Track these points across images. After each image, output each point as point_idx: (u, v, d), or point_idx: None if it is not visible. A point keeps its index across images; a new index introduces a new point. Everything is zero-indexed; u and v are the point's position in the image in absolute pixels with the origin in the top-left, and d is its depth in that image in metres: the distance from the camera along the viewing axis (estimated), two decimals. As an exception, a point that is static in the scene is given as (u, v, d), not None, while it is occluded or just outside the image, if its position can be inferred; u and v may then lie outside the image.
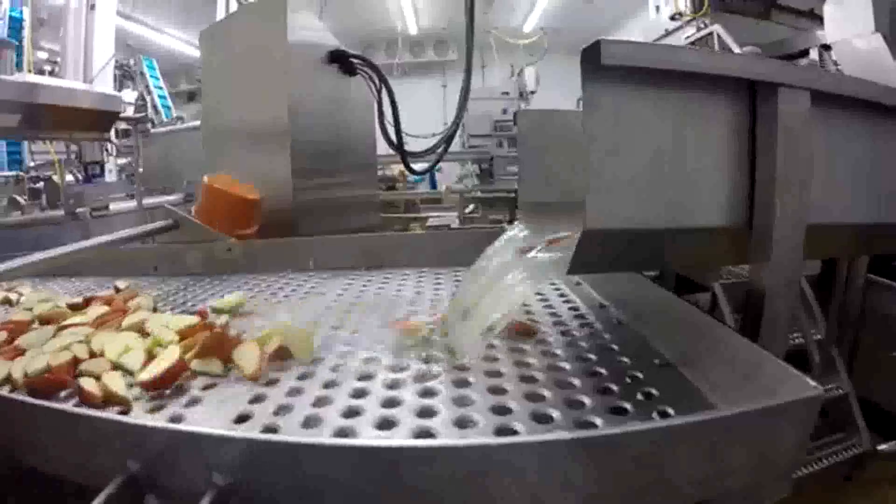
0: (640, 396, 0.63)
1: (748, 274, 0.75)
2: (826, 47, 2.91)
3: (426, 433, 0.57)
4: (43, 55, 5.88)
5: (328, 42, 2.21)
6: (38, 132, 3.26)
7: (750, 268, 0.74)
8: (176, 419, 0.66)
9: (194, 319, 0.94)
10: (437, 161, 2.62)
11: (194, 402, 0.70)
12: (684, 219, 0.66)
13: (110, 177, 5.31)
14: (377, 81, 2.27)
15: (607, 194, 0.59)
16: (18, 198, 4.27)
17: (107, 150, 4.76)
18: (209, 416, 0.66)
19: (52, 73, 4.83)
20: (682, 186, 0.65)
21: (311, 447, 0.46)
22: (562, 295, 1.07)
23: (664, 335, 0.77)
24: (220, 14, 4.27)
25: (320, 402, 0.67)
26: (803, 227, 0.72)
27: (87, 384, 0.73)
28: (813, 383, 0.49)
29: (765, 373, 0.55)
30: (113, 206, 3.70)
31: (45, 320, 1.02)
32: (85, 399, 0.71)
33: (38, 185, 4.46)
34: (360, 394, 0.68)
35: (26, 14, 4.49)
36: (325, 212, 2.13)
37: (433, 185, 8.85)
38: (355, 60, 2.25)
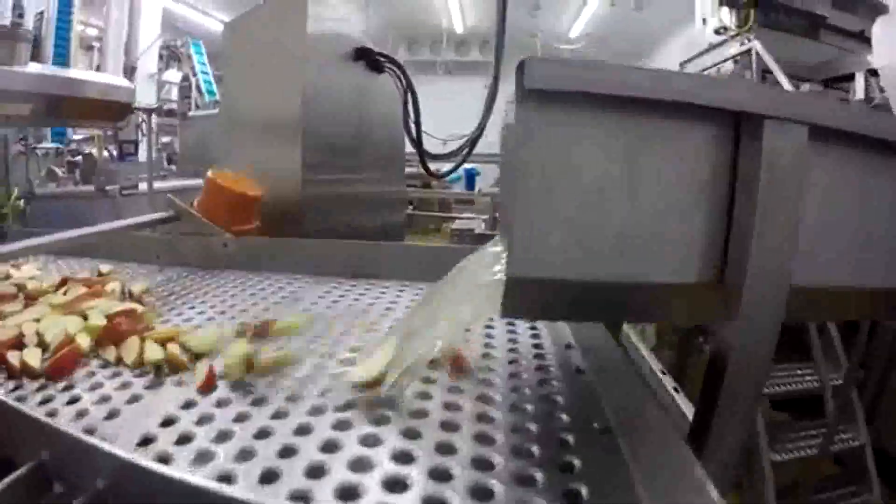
0: (558, 466, 0.55)
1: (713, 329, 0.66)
2: (873, 72, 2.72)
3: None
4: (92, 31, 6.05)
5: (355, 36, 2.17)
6: (51, 121, 3.35)
7: (716, 323, 0.65)
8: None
9: (125, 306, 0.98)
10: (460, 164, 2.59)
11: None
12: (636, 271, 0.56)
13: (144, 156, 5.43)
14: (403, 80, 2.23)
15: (537, 238, 0.51)
16: (56, 169, 4.41)
17: (141, 130, 4.85)
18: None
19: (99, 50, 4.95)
20: (635, 233, 0.55)
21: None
22: (532, 327, 0.99)
23: (620, 392, 0.69)
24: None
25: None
26: (785, 287, 0.62)
27: (12, 357, 0.79)
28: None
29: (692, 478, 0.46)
30: (143, 186, 3.76)
31: (28, 296, 1.09)
32: (9, 370, 0.79)
33: (76, 159, 4.59)
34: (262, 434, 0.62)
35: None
36: (340, 207, 2.09)
37: (471, 185, 8.80)
38: (381, 59, 2.22)
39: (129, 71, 4.55)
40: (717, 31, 4.18)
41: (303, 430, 0.63)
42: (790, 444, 2.04)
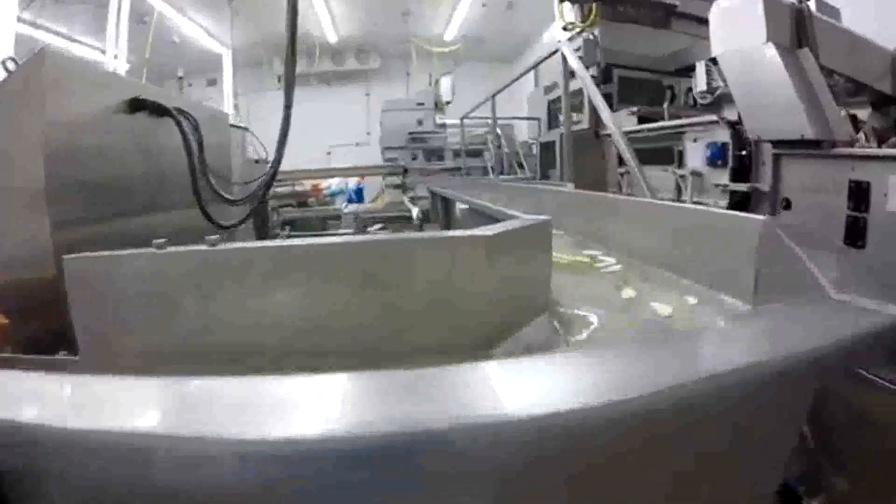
0: None
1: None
2: (714, 61, 2.87)
3: None
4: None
5: (132, 90, 2.12)
6: None
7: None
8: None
9: None
10: (252, 209, 2.49)
11: None
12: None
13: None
14: (184, 126, 2.19)
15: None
16: None
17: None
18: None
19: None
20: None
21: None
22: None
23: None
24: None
25: None
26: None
27: None
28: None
29: None
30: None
31: None
32: None
33: None
34: None
35: None
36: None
37: (359, 199, 8.65)
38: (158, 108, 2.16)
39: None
40: (564, 28, 4.29)
41: None
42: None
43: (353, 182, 8.73)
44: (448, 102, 7.87)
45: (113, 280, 0.95)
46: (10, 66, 1.90)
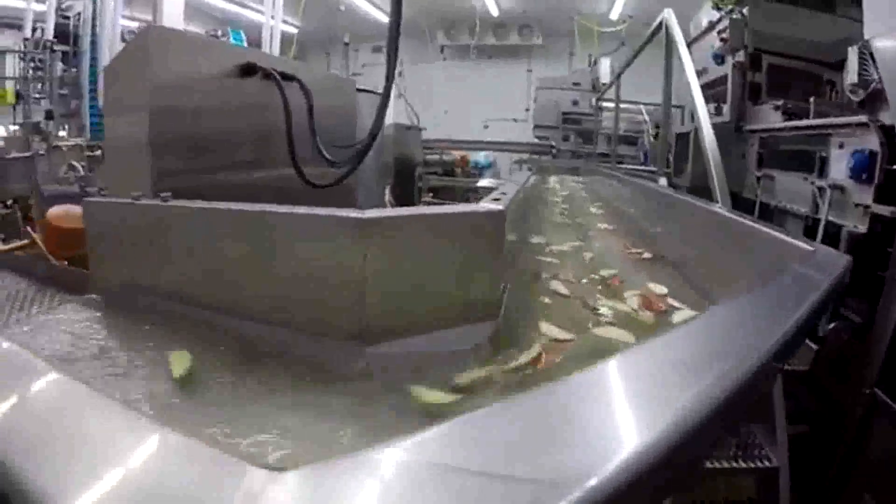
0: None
1: None
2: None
3: None
4: (134, 24, 6.32)
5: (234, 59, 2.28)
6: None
7: None
8: None
9: None
10: (350, 172, 2.51)
11: None
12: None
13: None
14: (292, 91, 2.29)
15: None
16: (76, 164, 4.60)
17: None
18: None
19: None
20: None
21: None
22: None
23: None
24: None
25: None
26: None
27: None
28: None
29: None
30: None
31: None
32: None
33: (95, 153, 4.77)
34: None
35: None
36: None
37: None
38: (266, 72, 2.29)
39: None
40: (715, 6, 3.81)
41: None
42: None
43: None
44: (605, 84, 7.47)
45: (110, 221, 1.20)
46: (129, 38, 2.21)
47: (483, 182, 7.01)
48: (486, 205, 0.91)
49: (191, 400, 0.67)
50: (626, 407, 0.35)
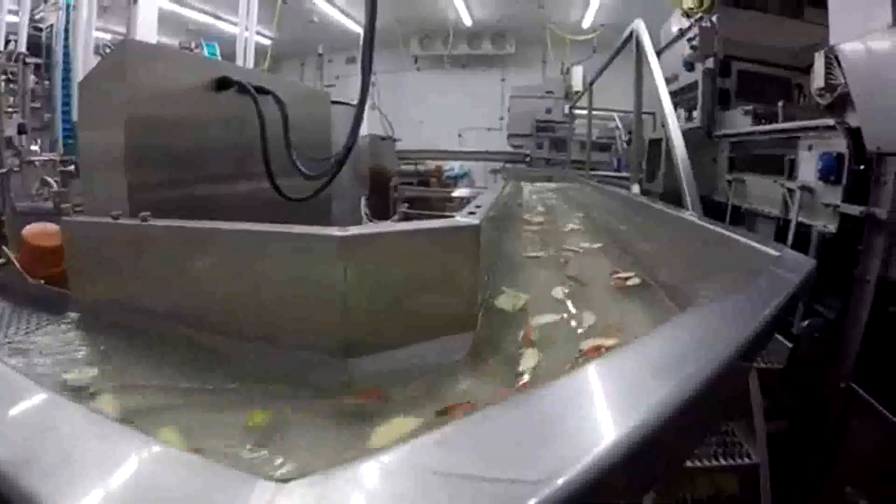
0: None
1: None
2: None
3: None
4: (107, 37, 6.24)
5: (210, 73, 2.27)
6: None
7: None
8: None
9: None
10: (327, 184, 2.51)
11: None
12: None
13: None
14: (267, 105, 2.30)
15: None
16: (49, 179, 4.49)
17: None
18: None
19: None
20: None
21: None
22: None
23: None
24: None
25: None
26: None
27: None
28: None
29: None
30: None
31: None
32: None
33: (68, 168, 4.66)
34: None
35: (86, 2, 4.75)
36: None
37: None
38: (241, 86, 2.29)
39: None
40: (685, 14, 3.88)
41: None
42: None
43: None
44: (577, 92, 7.58)
45: (89, 240, 1.20)
46: (103, 50, 2.20)
47: (458, 192, 7.05)
48: (461, 219, 0.93)
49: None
50: (603, 408, 0.37)
